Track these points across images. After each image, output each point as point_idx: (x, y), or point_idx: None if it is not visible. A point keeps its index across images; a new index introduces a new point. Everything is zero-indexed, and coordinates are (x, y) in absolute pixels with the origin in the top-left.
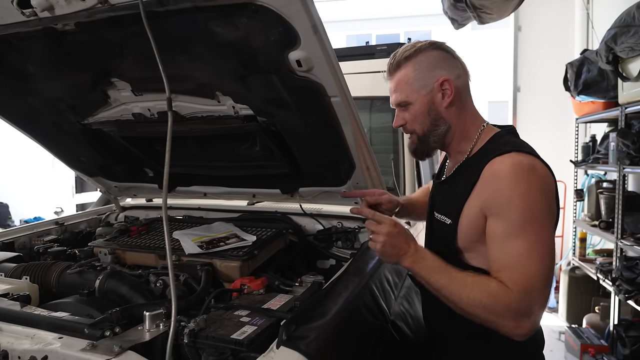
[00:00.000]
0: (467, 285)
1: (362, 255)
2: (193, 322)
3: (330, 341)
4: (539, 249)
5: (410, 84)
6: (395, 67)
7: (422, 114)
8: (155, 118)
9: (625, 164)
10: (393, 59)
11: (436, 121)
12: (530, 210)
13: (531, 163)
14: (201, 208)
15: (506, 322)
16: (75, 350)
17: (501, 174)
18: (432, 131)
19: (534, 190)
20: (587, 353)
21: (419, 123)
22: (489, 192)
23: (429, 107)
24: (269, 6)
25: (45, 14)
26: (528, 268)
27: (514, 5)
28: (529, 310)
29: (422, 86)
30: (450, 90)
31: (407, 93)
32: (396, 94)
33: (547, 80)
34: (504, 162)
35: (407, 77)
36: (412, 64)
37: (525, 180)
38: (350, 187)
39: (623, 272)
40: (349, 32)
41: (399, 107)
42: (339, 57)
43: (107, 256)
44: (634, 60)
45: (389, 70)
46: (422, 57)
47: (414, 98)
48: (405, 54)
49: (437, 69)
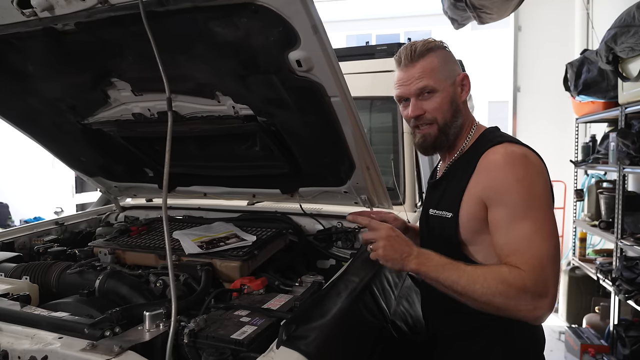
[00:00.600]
0: (480, 276)
1: (362, 255)
2: (193, 322)
3: (330, 341)
4: (544, 230)
5: (437, 72)
6: (418, 56)
7: (447, 103)
8: (155, 118)
9: (625, 164)
10: (411, 49)
11: (456, 113)
12: (530, 194)
13: (524, 152)
14: (201, 208)
15: (524, 306)
16: (75, 350)
17: (496, 163)
18: (453, 122)
19: (531, 175)
20: (587, 353)
21: (442, 112)
22: (487, 181)
23: (452, 99)
24: (269, 6)
25: (45, 14)
26: (536, 249)
27: (514, 5)
28: (544, 290)
29: (447, 77)
30: (468, 86)
31: (435, 80)
32: (422, 80)
33: (547, 80)
34: (498, 151)
35: (434, 65)
36: (436, 55)
37: (521, 166)
38: (350, 187)
39: (623, 272)
40: (349, 32)
41: (420, 94)
42: (339, 57)
43: (107, 256)
44: (634, 60)
45: (411, 58)
46: (442, 52)
47: (441, 86)
48: (428, 45)
49: (455, 65)
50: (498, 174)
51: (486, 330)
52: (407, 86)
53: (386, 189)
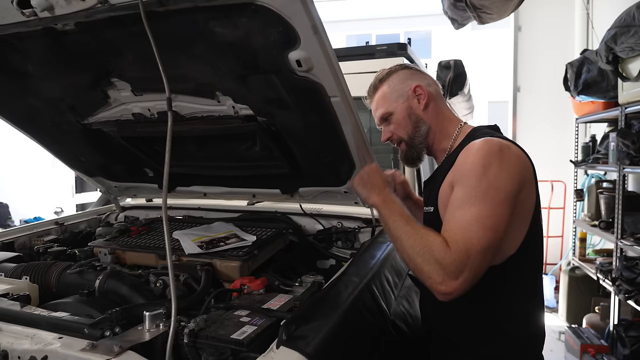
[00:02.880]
0: (417, 234)
1: (362, 255)
2: (193, 322)
3: (330, 341)
4: (487, 221)
5: (388, 97)
6: (372, 91)
7: (404, 119)
8: (155, 118)
9: (625, 164)
10: (370, 85)
11: (417, 123)
12: (488, 182)
13: (504, 144)
14: (201, 208)
15: (435, 276)
16: (75, 350)
17: (471, 149)
18: (416, 132)
19: (498, 166)
20: (587, 353)
21: (403, 128)
22: (458, 165)
23: (409, 112)
24: (269, 6)
25: (45, 14)
26: (470, 234)
27: (514, 6)
28: (457, 272)
29: (398, 96)
30: (424, 93)
31: (387, 105)
32: (378, 110)
33: (547, 80)
34: (477, 142)
35: (384, 93)
36: (386, 83)
37: (493, 155)
38: (350, 187)
39: (623, 272)
40: (349, 32)
41: (383, 121)
42: (339, 57)
43: (107, 256)
44: (634, 60)
45: (369, 95)
46: (394, 76)
47: (394, 107)
48: (379, 77)
49: (409, 80)
50: (468, 159)
51: (485, 330)
52: (375, 118)
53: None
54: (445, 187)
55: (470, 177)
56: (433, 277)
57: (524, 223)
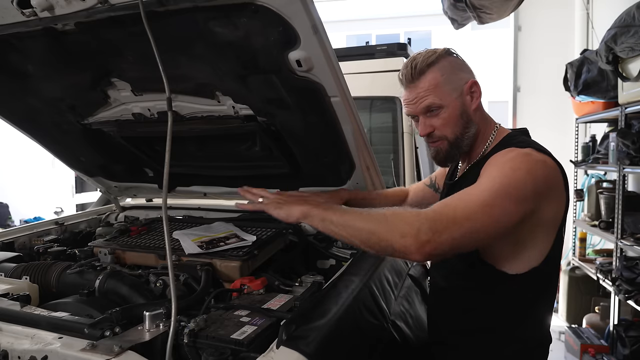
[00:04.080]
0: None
1: (362, 255)
2: (193, 322)
3: (330, 341)
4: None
5: (442, 87)
6: (419, 73)
7: (456, 117)
8: (155, 118)
9: (625, 164)
10: (411, 66)
11: (467, 124)
12: (510, 182)
13: (541, 158)
14: (201, 208)
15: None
16: (75, 350)
17: (503, 153)
18: (464, 134)
19: (526, 174)
20: (587, 353)
21: (451, 127)
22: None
23: (461, 111)
24: (269, 6)
25: (45, 14)
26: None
27: (514, 6)
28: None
29: (452, 89)
30: (478, 92)
31: (441, 96)
32: (427, 99)
33: (547, 80)
34: (517, 149)
35: (437, 81)
36: (437, 68)
37: (524, 163)
38: (350, 187)
39: (623, 272)
40: (349, 32)
41: (427, 112)
42: (339, 57)
43: (107, 256)
44: (634, 60)
45: (411, 78)
46: (444, 62)
47: (448, 102)
48: (428, 60)
49: (462, 72)
50: (498, 159)
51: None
52: (414, 105)
53: (386, 189)
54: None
55: (494, 170)
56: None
57: (550, 235)
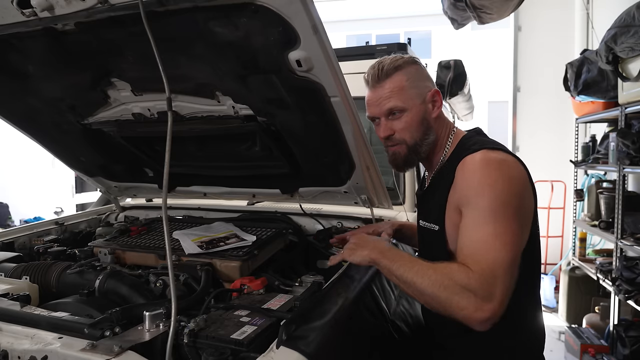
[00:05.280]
0: (429, 269)
1: None
2: (193, 322)
3: (330, 341)
4: (504, 237)
5: (406, 91)
6: (386, 75)
7: (417, 122)
8: (155, 118)
9: (625, 164)
10: (378, 68)
11: (427, 131)
12: (498, 200)
13: (501, 157)
14: (201, 208)
15: (466, 304)
16: (75, 350)
17: (472, 168)
18: (424, 141)
19: (503, 182)
20: (587, 353)
21: (411, 132)
22: (462, 187)
23: (422, 117)
24: (269, 6)
25: (45, 14)
26: (491, 253)
27: (514, 5)
28: (488, 294)
29: (416, 95)
30: (439, 102)
31: (404, 100)
32: (390, 101)
33: (547, 80)
34: (475, 157)
35: (402, 84)
36: (403, 73)
37: (495, 171)
38: (350, 187)
39: (623, 272)
40: (349, 32)
41: (390, 115)
42: (339, 57)
43: (107, 256)
44: (634, 60)
45: (377, 79)
46: (410, 68)
47: (410, 106)
48: (395, 63)
49: (426, 81)
50: (472, 180)
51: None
52: (377, 106)
53: (386, 189)
54: (452, 210)
55: (478, 198)
56: (466, 307)
57: (526, 227)
